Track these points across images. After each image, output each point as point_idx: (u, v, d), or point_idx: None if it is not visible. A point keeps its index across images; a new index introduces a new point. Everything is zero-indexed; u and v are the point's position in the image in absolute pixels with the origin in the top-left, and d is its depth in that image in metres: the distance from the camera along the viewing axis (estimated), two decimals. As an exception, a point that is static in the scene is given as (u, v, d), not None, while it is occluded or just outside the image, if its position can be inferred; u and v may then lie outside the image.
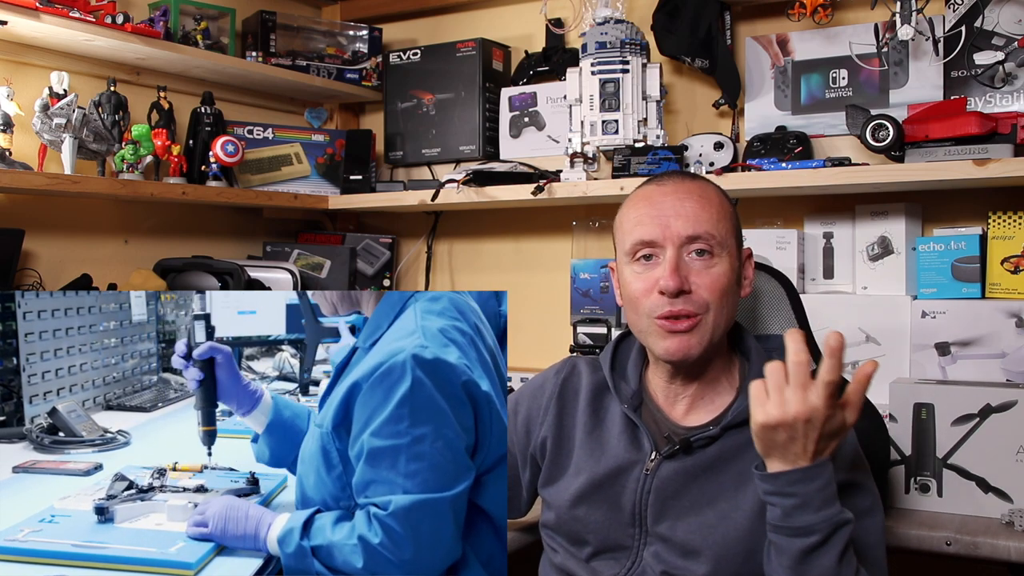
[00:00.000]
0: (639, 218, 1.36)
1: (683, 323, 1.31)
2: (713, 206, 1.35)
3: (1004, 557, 1.58)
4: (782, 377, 1.16)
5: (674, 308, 1.30)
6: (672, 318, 1.31)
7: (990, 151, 1.82)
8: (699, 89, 2.38)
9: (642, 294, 1.33)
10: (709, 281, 1.31)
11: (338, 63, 2.69)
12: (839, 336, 1.14)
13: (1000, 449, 1.70)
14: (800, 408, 1.14)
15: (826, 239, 2.15)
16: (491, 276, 2.71)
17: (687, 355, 1.32)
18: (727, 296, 1.33)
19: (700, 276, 1.32)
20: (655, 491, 1.34)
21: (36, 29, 2.03)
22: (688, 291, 1.30)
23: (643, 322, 1.35)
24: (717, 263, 1.33)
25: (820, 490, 1.17)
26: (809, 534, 1.17)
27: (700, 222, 1.32)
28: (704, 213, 1.33)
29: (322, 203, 2.62)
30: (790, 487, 1.17)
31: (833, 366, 1.14)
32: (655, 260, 1.34)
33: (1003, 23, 1.97)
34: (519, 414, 1.52)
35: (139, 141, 2.24)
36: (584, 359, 1.52)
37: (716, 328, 1.33)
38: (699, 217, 1.33)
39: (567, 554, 1.42)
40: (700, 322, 1.31)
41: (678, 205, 1.34)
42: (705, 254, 1.32)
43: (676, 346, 1.31)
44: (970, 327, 1.88)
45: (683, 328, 1.31)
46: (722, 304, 1.32)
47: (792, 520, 1.18)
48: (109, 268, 2.33)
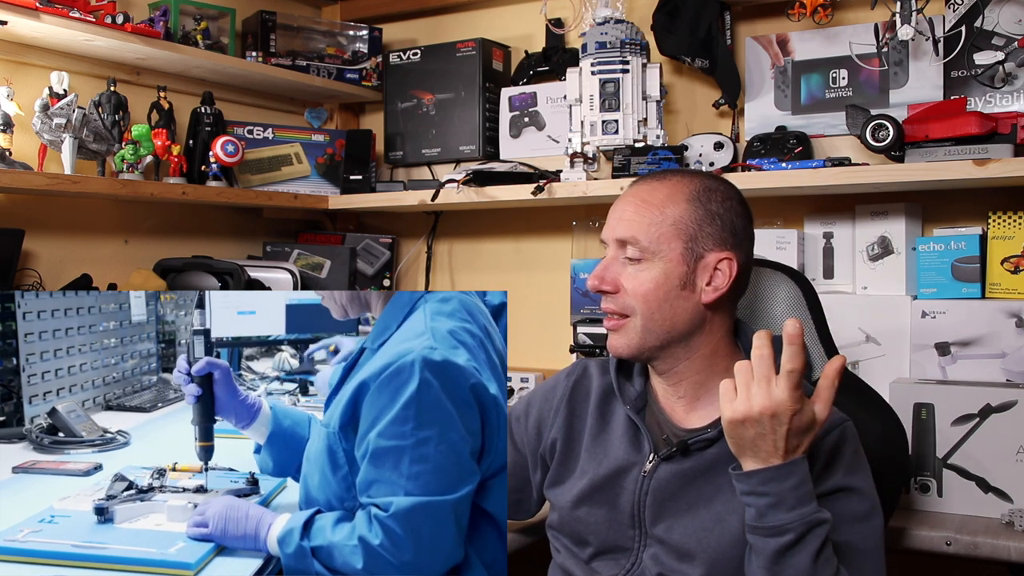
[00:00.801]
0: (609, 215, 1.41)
1: (609, 321, 1.37)
2: (653, 210, 1.34)
3: (1004, 557, 1.58)
4: (748, 373, 1.18)
5: (604, 305, 1.37)
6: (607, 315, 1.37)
7: (990, 151, 1.82)
8: (699, 89, 2.38)
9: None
10: (634, 285, 1.34)
11: (338, 63, 2.69)
12: (796, 322, 1.16)
13: (1000, 449, 1.70)
14: (765, 402, 1.16)
15: (826, 239, 2.15)
16: (491, 276, 2.71)
17: (616, 352, 1.37)
18: (658, 301, 1.33)
19: (627, 279, 1.35)
20: (652, 493, 1.35)
21: (36, 29, 2.03)
22: (612, 291, 1.35)
23: None
24: (646, 268, 1.33)
25: (794, 488, 1.18)
26: (783, 533, 1.17)
27: (630, 227, 1.34)
28: (637, 218, 1.34)
29: (322, 203, 2.62)
30: (763, 486, 1.18)
31: (793, 354, 1.16)
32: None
33: (1003, 23, 1.97)
34: (531, 415, 1.53)
35: (139, 141, 2.24)
36: (596, 361, 1.53)
37: (647, 332, 1.34)
38: (631, 222, 1.35)
39: (568, 554, 1.42)
40: (627, 324, 1.35)
41: (621, 207, 1.37)
42: (633, 260, 1.35)
43: (610, 342, 1.38)
44: (970, 327, 1.88)
45: (610, 326, 1.37)
46: (651, 309, 1.33)
47: (766, 519, 1.18)
48: (109, 268, 2.33)
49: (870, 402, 1.54)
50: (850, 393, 1.52)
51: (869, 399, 1.54)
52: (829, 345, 1.58)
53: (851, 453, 1.31)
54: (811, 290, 1.61)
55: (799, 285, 1.61)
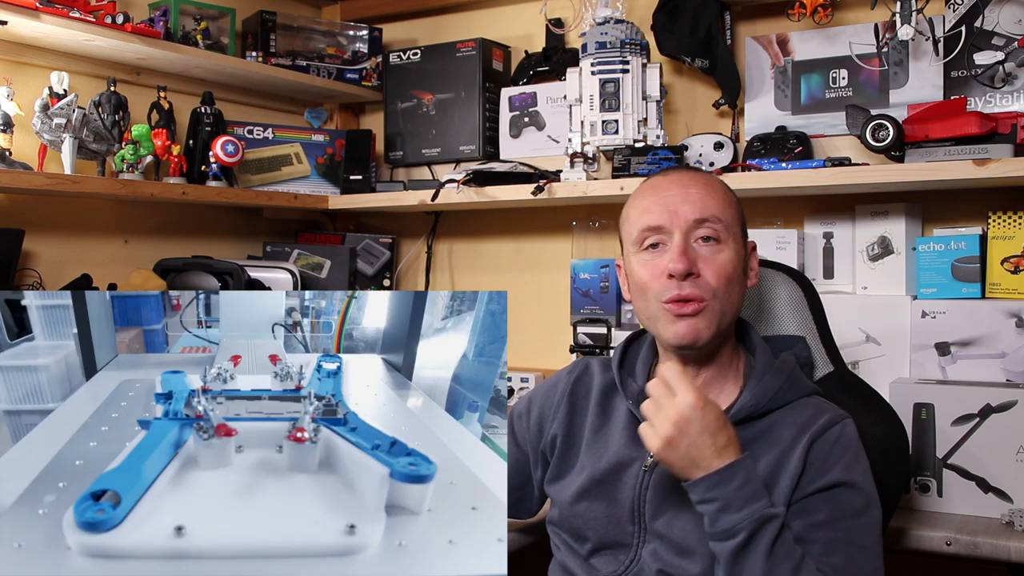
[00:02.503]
0: (646, 206, 1.37)
1: (690, 306, 1.31)
2: (718, 192, 1.37)
3: (1004, 557, 1.58)
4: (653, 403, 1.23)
5: (682, 292, 1.31)
6: (680, 301, 1.32)
7: (990, 151, 1.82)
8: (699, 89, 2.38)
9: (650, 279, 1.35)
10: (716, 267, 1.33)
11: (338, 63, 2.69)
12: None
13: (1000, 449, 1.70)
14: (675, 413, 1.20)
15: (826, 239, 2.15)
16: (491, 276, 2.71)
17: (696, 338, 1.32)
18: (733, 283, 1.34)
19: (707, 262, 1.33)
20: (653, 487, 1.35)
21: (36, 29, 2.03)
22: (696, 275, 1.32)
23: (652, 307, 1.36)
24: (724, 249, 1.34)
25: (739, 488, 1.19)
26: (735, 535, 1.18)
27: (706, 206, 1.34)
28: (710, 199, 1.35)
29: (322, 203, 2.62)
30: (710, 491, 1.20)
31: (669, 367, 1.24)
32: (662, 248, 1.35)
33: (1003, 23, 1.97)
34: (532, 412, 1.54)
35: (139, 141, 2.24)
36: (598, 359, 1.53)
37: (723, 315, 1.33)
38: (705, 202, 1.34)
39: (568, 550, 1.43)
40: (707, 307, 1.32)
41: (684, 192, 1.36)
42: (711, 240, 1.34)
43: (685, 329, 1.32)
44: (970, 327, 1.88)
45: (690, 312, 1.32)
46: (729, 290, 1.33)
47: (718, 524, 1.20)
48: (109, 268, 2.33)
49: (871, 402, 1.54)
50: (851, 393, 1.52)
51: (869, 399, 1.54)
52: (830, 345, 1.58)
53: (850, 449, 1.31)
54: (812, 290, 1.61)
55: (800, 285, 1.61)
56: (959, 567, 1.85)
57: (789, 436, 1.32)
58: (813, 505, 1.27)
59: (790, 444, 1.31)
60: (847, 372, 1.58)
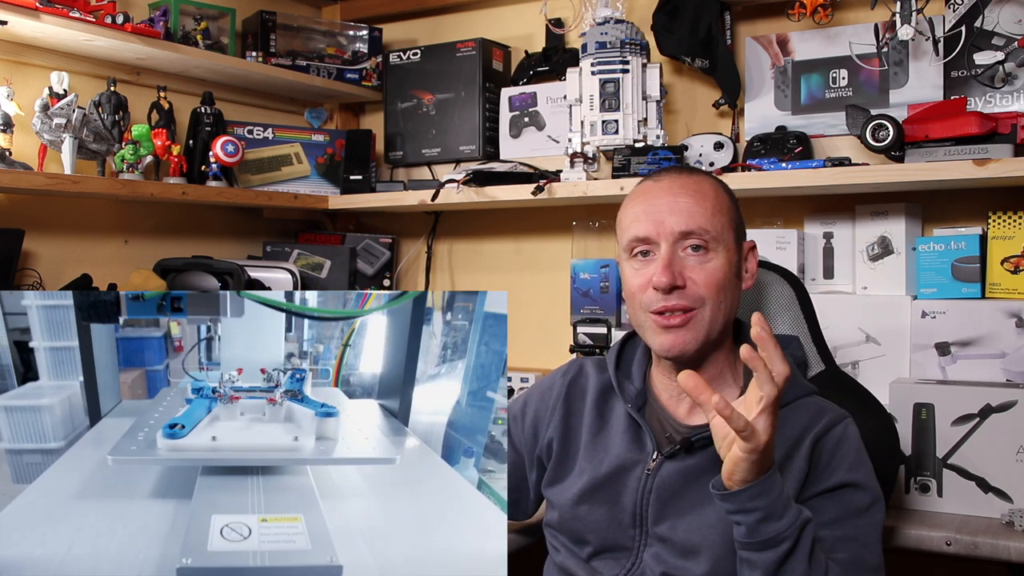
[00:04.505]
0: (635, 215, 1.37)
1: (676, 318, 1.32)
2: (708, 201, 1.36)
3: (1004, 557, 1.58)
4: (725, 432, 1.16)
5: (667, 303, 1.32)
6: (666, 313, 1.32)
7: (990, 151, 1.82)
8: (699, 89, 2.38)
9: (638, 289, 1.35)
10: (704, 276, 1.33)
11: (338, 63, 2.69)
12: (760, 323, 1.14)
13: (1000, 449, 1.69)
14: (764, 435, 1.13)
15: (826, 239, 2.15)
16: (491, 276, 2.71)
17: (683, 351, 1.33)
18: (724, 290, 1.34)
19: (695, 271, 1.33)
20: (656, 491, 1.35)
21: (36, 29, 2.03)
22: (682, 286, 1.32)
23: (640, 317, 1.37)
24: (712, 258, 1.34)
25: (779, 497, 1.18)
26: (780, 543, 1.17)
27: (694, 218, 1.34)
28: (698, 208, 1.34)
29: (322, 203, 2.62)
30: (751, 502, 1.17)
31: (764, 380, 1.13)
32: (651, 256, 1.35)
33: (1003, 23, 1.97)
34: (527, 415, 1.53)
35: (139, 141, 2.24)
36: (592, 360, 1.53)
37: (713, 322, 1.33)
38: (693, 213, 1.34)
39: (568, 553, 1.42)
40: (695, 317, 1.32)
41: (672, 202, 1.35)
42: (700, 249, 1.33)
43: (671, 342, 1.33)
44: (970, 327, 1.88)
45: (676, 323, 1.32)
46: (719, 298, 1.33)
47: (759, 534, 1.18)
48: (109, 268, 2.33)
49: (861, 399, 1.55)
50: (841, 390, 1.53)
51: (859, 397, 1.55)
52: (822, 346, 1.59)
53: (853, 449, 1.32)
54: (803, 290, 1.62)
55: (792, 285, 1.62)
56: (959, 567, 1.85)
57: (791, 437, 1.32)
58: (820, 505, 1.28)
59: (793, 444, 1.31)
60: (838, 370, 1.59)
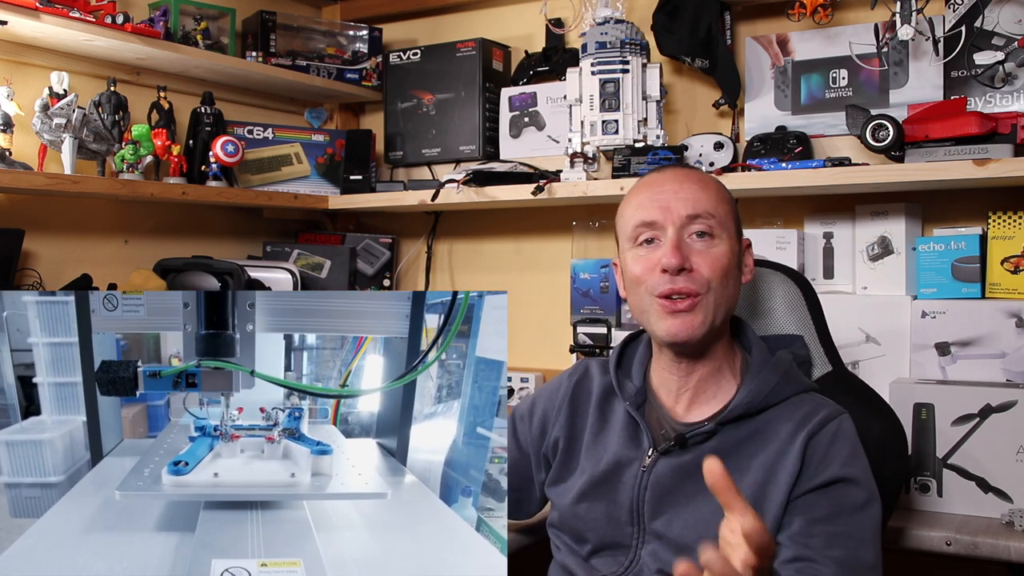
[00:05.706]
0: (640, 203, 1.38)
1: (684, 302, 1.32)
2: (712, 189, 1.38)
3: (1004, 557, 1.58)
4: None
5: (675, 286, 1.32)
6: (673, 297, 1.32)
7: (990, 151, 1.82)
8: (699, 89, 2.38)
9: (644, 273, 1.35)
10: (710, 260, 1.33)
11: (338, 63, 2.69)
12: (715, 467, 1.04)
13: (1000, 449, 1.70)
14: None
15: (826, 239, 2.15)
16: (491, 276, 2.71)
17: (691, 335, 1.32)
18: (728, 277, 1.34)
19: (701, 256, 1.33)
20: (651, 487, 1.35)
21: (36, 29, 2.03)
22: (689, 269, 1.32)
23: (644, 302, 1.36)
24: (718, 243, 1.34)
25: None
26: None
27: (700, 202, 1.35)
28: (704, 194, 1.36)
29: (322, 203, 2.62)
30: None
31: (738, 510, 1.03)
32: (656, 243, 1.36)
33: (1003, 23, 1.97)
34: (535, 415, 1.54)
35: (139, 141, 2.24)
36: (597, 361, 1.53)
37: (718, 308, 1.34)
38: (699, 198, 1.35)
39: (568, 552, 1.43)
40: (701, 301, 1.32)
41: (678, 187, 1.36)
42: (705, 236, 1.34)
43: (679, 327, 1.32)
44: (970, 327, 1.88)
45: (684, 307, 1.32)
46: (723, 284, 1.34)
47: None
48: (109, 268, 2.33)
49: (869, 401, 1.54)
50: (849, 392, 1.52)
51: (868, 398, 1.55)
52: (829, 346, 1.58)
53: (848, 445, 1.31)
54: (810, 290, 1.61)
55: (798, 285, 1.61)
56: (959, 567, 1.85)
57: (786, 432, 1.32)
58: (813, 500, 1.28)
59: (787, 441, 1.31)
60: (845, 371, 1.58)
